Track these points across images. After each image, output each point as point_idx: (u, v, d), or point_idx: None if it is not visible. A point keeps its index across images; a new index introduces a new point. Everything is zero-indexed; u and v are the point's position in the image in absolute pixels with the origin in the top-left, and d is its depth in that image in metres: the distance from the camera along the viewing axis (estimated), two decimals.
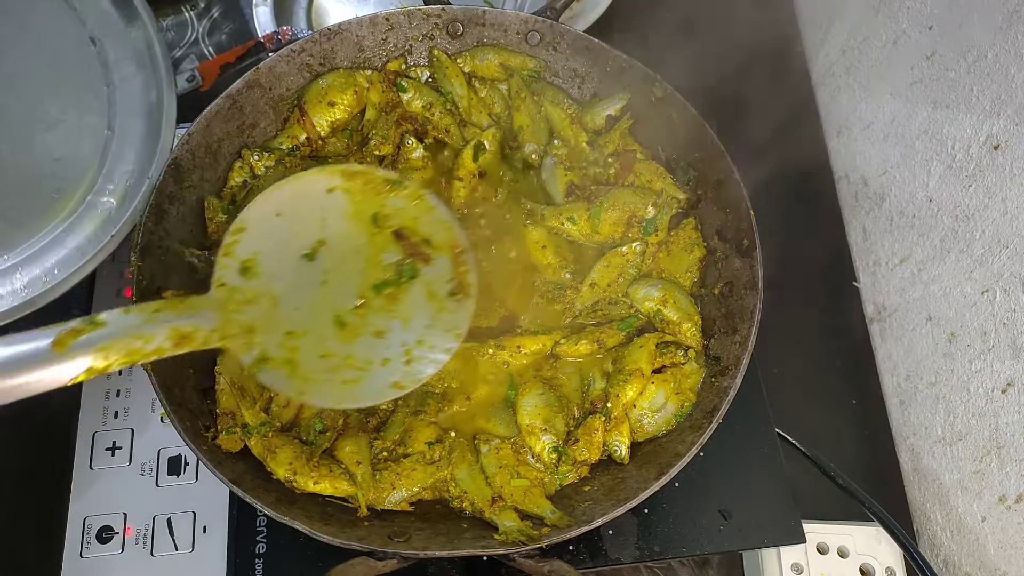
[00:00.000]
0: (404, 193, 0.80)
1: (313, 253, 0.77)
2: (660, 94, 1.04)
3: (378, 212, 0.79)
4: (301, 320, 0.75)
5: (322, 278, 0.77)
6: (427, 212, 0.80)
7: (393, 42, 1.10)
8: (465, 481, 0.89)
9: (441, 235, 0.80)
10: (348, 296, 0.77)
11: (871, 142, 1.23)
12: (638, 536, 0.98)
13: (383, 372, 0.76)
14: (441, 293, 0.78)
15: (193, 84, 1.20)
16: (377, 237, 0.79)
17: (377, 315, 0.77)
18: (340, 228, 0.78)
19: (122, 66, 0.92)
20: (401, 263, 0.79)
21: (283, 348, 0.74)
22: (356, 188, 0.79)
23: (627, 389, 0.92)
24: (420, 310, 0.78)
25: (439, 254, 0.79)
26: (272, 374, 0.73)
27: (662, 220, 1.03)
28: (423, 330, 0.77)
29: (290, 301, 0.75)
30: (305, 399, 0.75)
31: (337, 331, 0.76)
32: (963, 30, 1.01)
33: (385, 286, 0.78)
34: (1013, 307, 0.93)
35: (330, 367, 0.75)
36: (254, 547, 0.95)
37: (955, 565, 1.05)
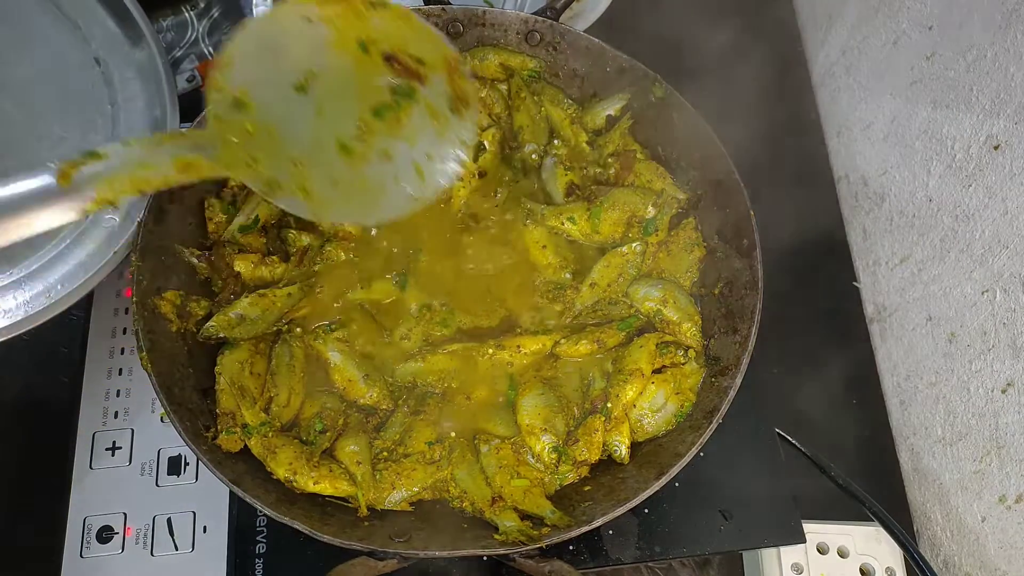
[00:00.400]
0: (387, 14, 0.77)
1: (304, 84, 0.75)
2: (660, 94, 1.04)
3: (364, 37, 0.76)
4: (304, 150, 0.74)
5: (317, 108, 0.75)
6: (415, 31, 0.78)
7: None
8: (465, 481, 0.89)
9: (433, 53, 0.77)
10: (348, 123, 0.75)
11: (871, 142, 1.23)
12: (638, 536, 0.98)
13: (397, 189, 0.76)
14: (442, 109, 0.77)
15: (193, 84, 1.20)
16: (367, 62, 0.76)
17: (382, 138, 0.76)
18: (327, 57, 0.76)
19: (127, 86, 0.93)
20: (396, 85, 0.77)
21: (292, 176, 0.73)
22: (336, 14, 0.76)
23: (627, 389, 0.92)
24: (424, 129, 0.77)
25: (433, 72, 0.77)
26: (287, 200, 0.72)
27: (662, 220, 1.03)
28: (430, 146, 0.76)
29: (289, 132, 0.74)
30: (328, 219, 0.75)
31: (343, 157, 0.74)
32: (963, 30, 1.01)
33: (384, 110, 0.76)
34: (1013, 307, 0.93)
35: (344, 192, 0.74)
36: (254, 547, 0.95)
37: (955, 565, 1.05)
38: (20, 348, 1.07)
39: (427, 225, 1.05)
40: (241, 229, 0.98)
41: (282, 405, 0.91)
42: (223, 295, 0.96)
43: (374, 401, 0.94)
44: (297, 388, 0.92)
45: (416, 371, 0.95)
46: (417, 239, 1.03)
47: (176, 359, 0.89)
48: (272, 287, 0.96)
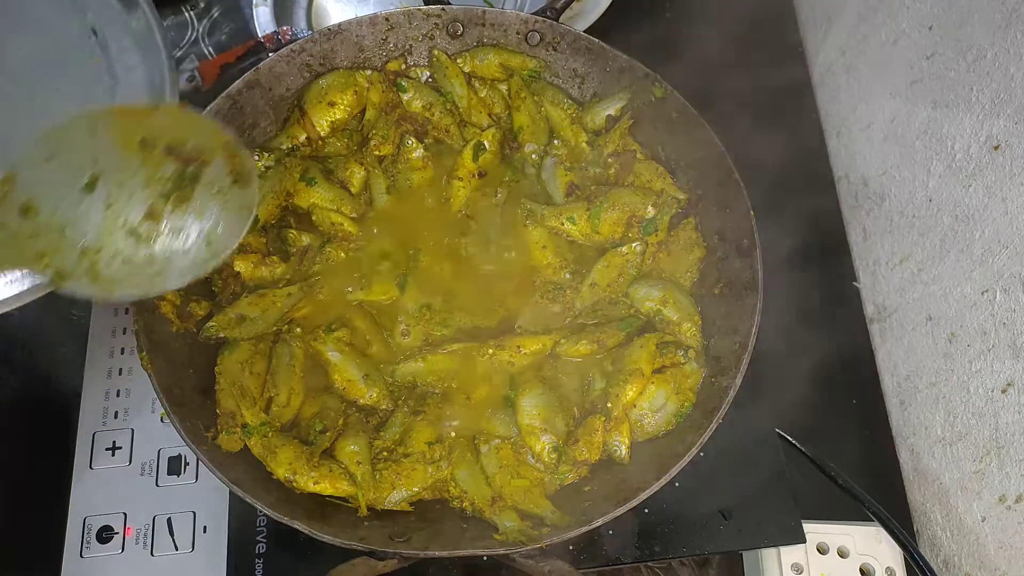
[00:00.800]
0: (165, 113, 0.84)
1: (92, 183, 0.80)
2: (660, 94, 1.04)
3: (144, 136, 0.82)
4: (94, 240, 0.78)
5: (107, 202, 0.80)
6: (192, 123, 0.83)
7: (393, 42, 1.10)
8: (465, 481, 0.89)
9: (210, 139, 0.83)
10: (136, 210, 0.80)
11: (871, 142, 1.23)
12: (638, 536, 0.98)
13: (187, 259, 0.80)
14: (225, 186, 0.82)
15: (193, 84, 1.20)
16: (151, 157, 0.82)
17: (170, 217, 0.80)
18: (112, 158, 0.81)
19: (124, 56, 0.93)
20: (181, 172, 0.82)
21: (81, 263, 0.77)
22: (116, 121, 0.82)
23: (627, 389, 0.92)
24: (211, 204, 0.81)
25: (213, 156, 0.82)
26: (73, 284, 0.76)
27: (662, 220, 1.02)
28: (217, 217, 0.81)
29: (78, 228, 0.78)
30: (115, 297, 0.78)
31: (133, 240, 0.79)
32: (963, 30, 1.01)
33: (170, 194, 0.81)
34: (1013, 307, 0.93)
35: (133, 269, 0.78)
36: (254, 547, 0.95)
37: (955, 565, 1.05)
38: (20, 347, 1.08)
39: (427, 225, 1.05)
40: None
41: (282, 405, 0.91)
42: (223, 295, 0.96)
43: (374, 401, 0.94)
44: (297, 388, 0.92)
45: (416, 371, 0.95)
46: (417, 239, 1.03)
47: (176, 359, 0.89)
48: (272, 287, 0.96)
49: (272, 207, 1.00)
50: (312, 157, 1.06)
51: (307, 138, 1.06)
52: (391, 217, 1.05)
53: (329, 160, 1.06)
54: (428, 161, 1.07)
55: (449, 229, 1.04)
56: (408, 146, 1.06)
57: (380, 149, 1.07)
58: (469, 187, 1.06)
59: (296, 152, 1.05)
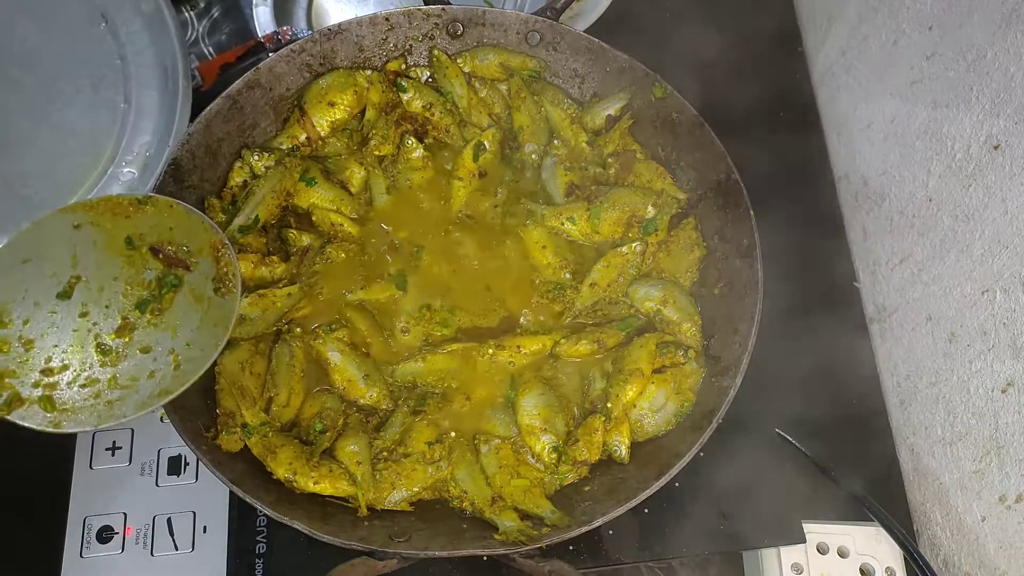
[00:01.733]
0: (155, 208, 0.81)
1: (68, 290, 0.78)
2: (660, 94, 1.04)
3: (131, 233, 0.80)
4: (59, 356, 0.76)
5: (81, 310, 0.78)
6: (182, 219, 0.81)
7: (393, 42, 1.10)
8: (465, 481, 0.89)
9: (199, 238, 0.80)
10: (111, 321, 0.78)
11: (871, 142, 1.23)
12: (638, 536, 0.98)
13: (150, 384, 0.77)
14: (207, 294, 0.80)
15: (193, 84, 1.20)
16: (135, 258, 0.80)
17: (143, 332, 0.78)
18: (94, 259, 0.79)
19: (134, 39, 0.93)
20: (162, 276, 0.80)
21: (39, 387, 0.75)
22: (103, 217, 0.79)
23: (627, 389, 0.92)
24: (188, 316, 0.79)
25: (200, 257, 0.80)
26: (24, 412, 0.73)
27: (662, 220, 1.03)
28: (191, 333, 0.79)
29: (47, 340, 0.76)
30: (61, 429, 0.74)
31: (100, 358, 0.77)
32: (963, 30, 1.01)
33: (148, 303, 0.79)
34: (1013, 307, 0.93)
35: (93, 393, 0.76)
36: (254, 547, 0.95)
37: (955, 565, 1.05)
38: None
39: (427, 225, 1.05)
40: (241, 229, 0.97)
41: (282, 405, 0.91)
42: None
43: (374, 401, 0.94)
44: (297, 388, 0.92)
45: (416, 371, 0.95)
46: (417, 239, 1.03)
47: None
48: (272, 287, 0.96)
49: (272, 207, 1.00)
50: (312, 157, 1.06)
51: (307, 138, 1.06)
52: (391, 217, 1.05)
53: (329, 160, 1.06)
54: (428, 161, 1.07)
55: (449, 229, 1.04)
56: (408, 146, 1.06)
57: (380, 149, 1.07)
58: (469, 187, 1.06)
59: (296, 152, 1.05)
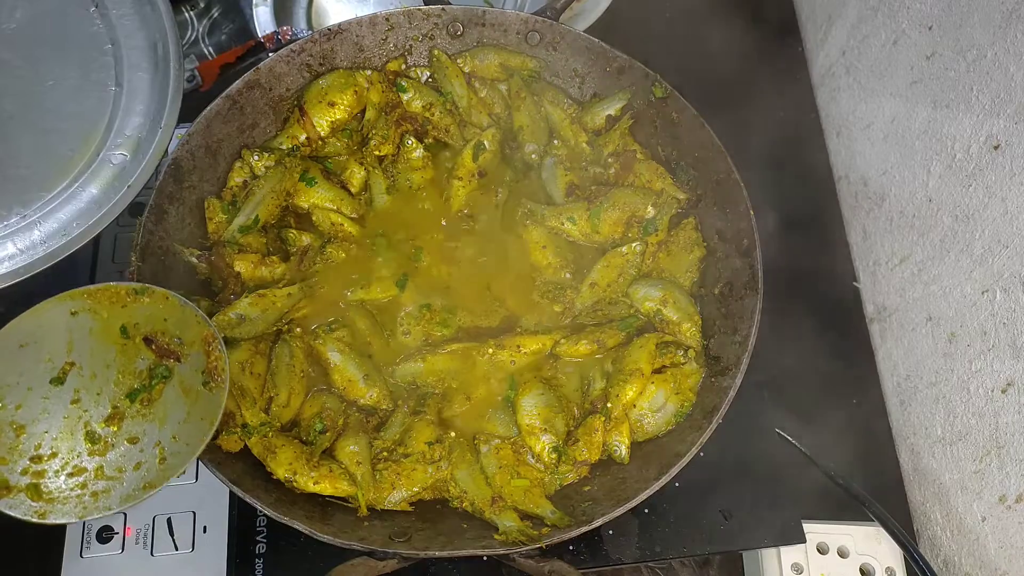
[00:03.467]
0: (150, 299, 0.82)
1: (62, 376, 0.79)
2: (660, 94, 1.04)
3: (126, 322, 0.81)
4: (49, 442, 0.77)
5: (73, 397, 0.79)
6: (175, 312, 0.82)
7: (393, 42, 1.10)
8: (465, 481, 0.89)
9: (192, 331, 0.82)
10: (101, 409, 0.79)
11: (871, 142, 1.23)
12: (638, 536, 0.98)
13: (135, 476, 0.78)
14: (196, 386, 0.81)
15: (193, 84, 1.20)
16: (128, 347, 0.81)
17: (132, 422, 0.80)
18: (89, 346, 0.80)
19: (124, 22, 0.93)
20: (153, 367, 0.81)
21: (27, 474, 0.75)
22: (101, 305, 0.81)
23: (627, 389, 0.92)
24: (176, 407, 0.80)
25: (191, 349, 0.82)
26: (11, 501, 0.73)
27: (662, 220, 1.03)
28: (178, 426, 0.80)
29: (38, 427, 0.77)
30: (46, 520, 0.74)
31: (89, 446, 0.78)
32: (963, 30, 1.01)
33: (139, 393, 0.80)
34: (1013, 307, 0.93)
35: (80, 483, 0.76)
36: (254, 547, 0.95)
37: (955, 565, 1.05)
38: None
39: (427, 225, 1.05)
40: (241, 229, 0.98)
41: (282, 405, 0.91)
42: (223, 295, 0.96)
43: (374, 401, 0.94)
44: (297, 388, 0.92)
45: (416, 371, 0.95)
46: (418, 239, 1.03)
47: None
48: (272, 287, 0.96)
49: (272, 207, 1.00)
50: (312, 157, 1.06)
51: (307, 138, 1.06)
52: (391, 217, 1.05)
53: (329, 160, 1.06)
54: (428, 161, 1.07)
55: (449, 229, 1.05)
56: (408, 146, 1.06)
57: (380, 149, 1.07)
58: (469, 187, 1.06)
59: (296, 152, 1.05)
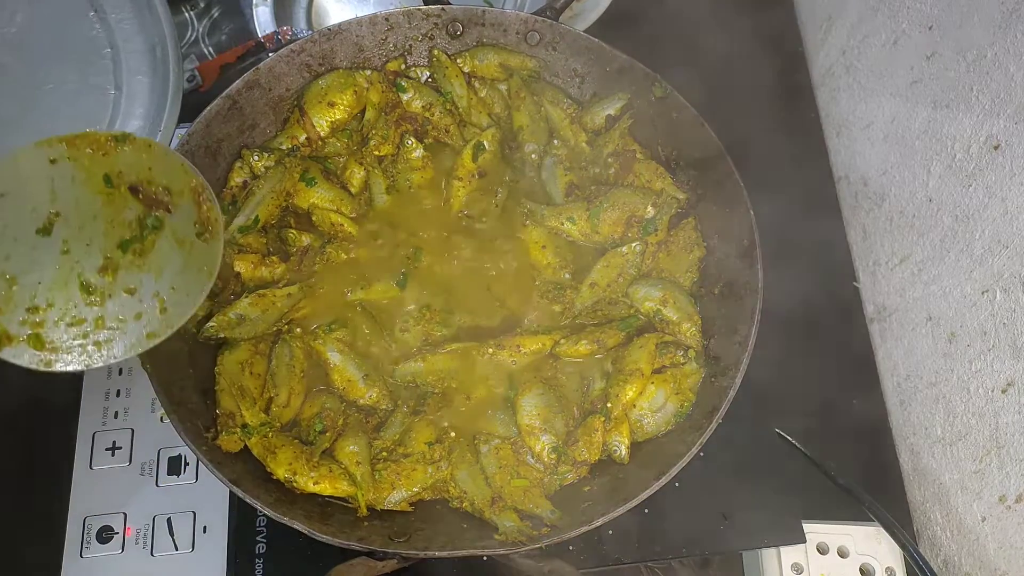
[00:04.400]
0: (133, 147, 0.79)
1: (48, 226, 0.77)
2: (660, 94, 1.04)
3: (109, 171, 0.78)
4: (44, 293, 0.76)
5: (62, 247, 0.77)
6: (161, 160, 0.79)
7: (393, 42, 1.10)
8: (465, 481, 0.89)
9: (179, 180, 0.79)
10: (93, 259, 0.77)
11: (871, 142, 1.23)
12: (638, 536, 0.98)
13: (137, 326, 0.77)
14: (189, 237, 0.79)
15: (193, 84, 1.20)
16: (114, 196, 0.79)
17: (127, 272, 0.78)
18: (72, 196, 0.77)
19: (123, 26, 0.93)
20: (143, 217, 0.79)
21: (26, 324, 0.74)
22: (81, 153, 0.78)
23: (627, 389, 0.92)
24: (171, 258, 0.79)
25: (181, 199, 0.79)
26: (14, 350, 0.73)
27: (662, 220, 1.03)
28: (175, 276, 0.78)
29: (29, 278, 0.75)
30: (52, 368, 0.74)
31: (85, 296, 0.77)
32: (963, 30, 1.01)
33: (130, 243, 0.78)
34: (1013, 307, 0.93)
35: (81, 332, 0.76)
36: (254, 547, 0.95)
37: (955, 565, 1.05)
38: None
39: (427, 225, 1.05)
40: (241, 229, 0.98)
41: (282, 405, 0.91)
42: (223, 295, 0.96)
43: (374, 401, 0.94)
44: (297, 388, 0.92)
45: (416, 371, 0.95)
46: (417, 239, 1.03)
47: (176, 359, 0.89)
48: (272, 287, 0.96)
49: (272, 207, 1.00)
50: (312, 157, 1.06)
51: (307, 138, 1.06)
52: (391, 217, 1.05)
53: (329, 160, 1.06)
54: (428, 161, 1.07)
55: (449, 229, 1.04)
56: (408, 146, 1.06)
57: (380, 149, 1.07)
58: (469, 187, 1.06)
59: (296, 152, 1.05)
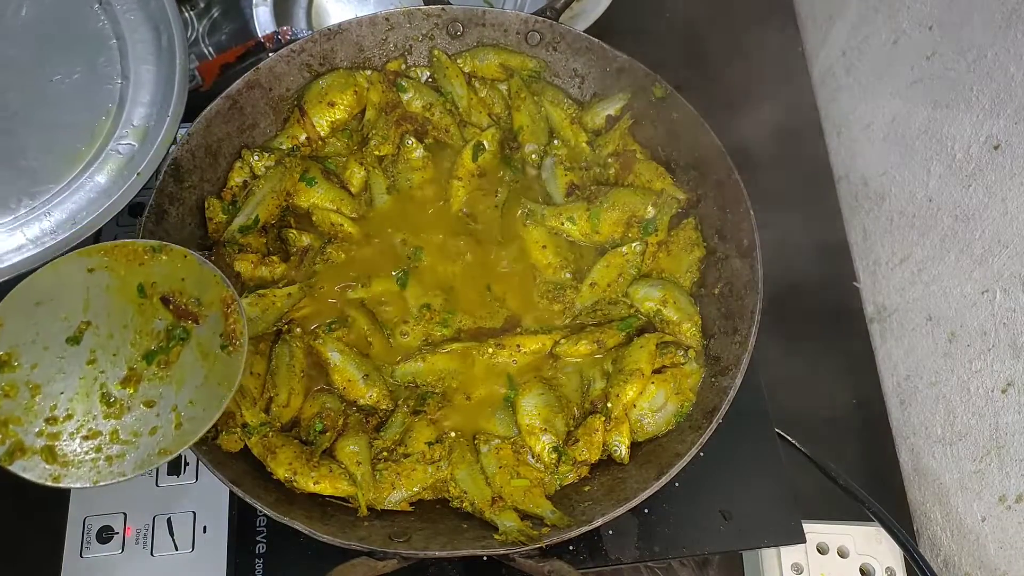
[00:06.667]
0: (168, 256, 0.81)
1: (78, 336, 0.78)
2: (660, 94, 1.04)
3: (144, 281, 0.80)
4: (64, 404, 0.76)
5: (89, 357, 0.78)
6: (194, 271, 0.80)
7: (393, 42, 1.10)
8: (465, 481, 0.89)
9: (211, 292, 0.80)
10: (117, 371, 0.78)
11: (871, 142, 1.23)
12: (638, 536, 0.98)
13: (150, 441, 0.76)
14: (213, 349, 0.79)
15: (193, 84, 1.20)
16: (146, 307, 0.80)
17: (149, 384, 0.78)
18: (105, 305, 0.79)
19: (129, 16, 0.94)
20: (171, 328, 0.80)
21: (42, 436, 0.74)
22: (118, 263, 0.80)
23: (627, 389, 0.92)
24: (194, 371, 0.79)
25: (210, 311, 0.80)
26: (26, 463, 0.73)
27: (662, 220, 1.03)
28: (195, 390, 0.78)
29: (53, 387, 0.76)
30: (60, 484, 0.73)
31: (104, 409, 0.76)
32: (963, 30, 1.01)
33: (156, 354, 0.79)
34: (1013, 307, 0.93)
35: (94, 447, 0.75)
36: (254, 547, 0.95)
37: (955, 565, 1.05)
38: None
39: (427, 225, 1.05)
40: (241, 229, 0.98)
41: (282, 405, 0.91)
42: None
43: (374, 401, 0.94)
44: (297, 388, 0.92)
45: (416, 371, 0.95)
46: (418, 239, 1.03)
47: None
48: (272, 287, 0.96)
49: (272, 207, 1.00)
50: (312, 157, 1.06)
51: (307, 138, 1.06)
52: (391, 217, 1.05)
53: (329, 160, 1.06)
54: (428, 161, 1.07)
55: (449, 229, 1.04)
56: (408, 146, 1.06)
57: (380, 149, 1.07)
58: (469, 187, 1.06)
59: (296, 152, 1.05)
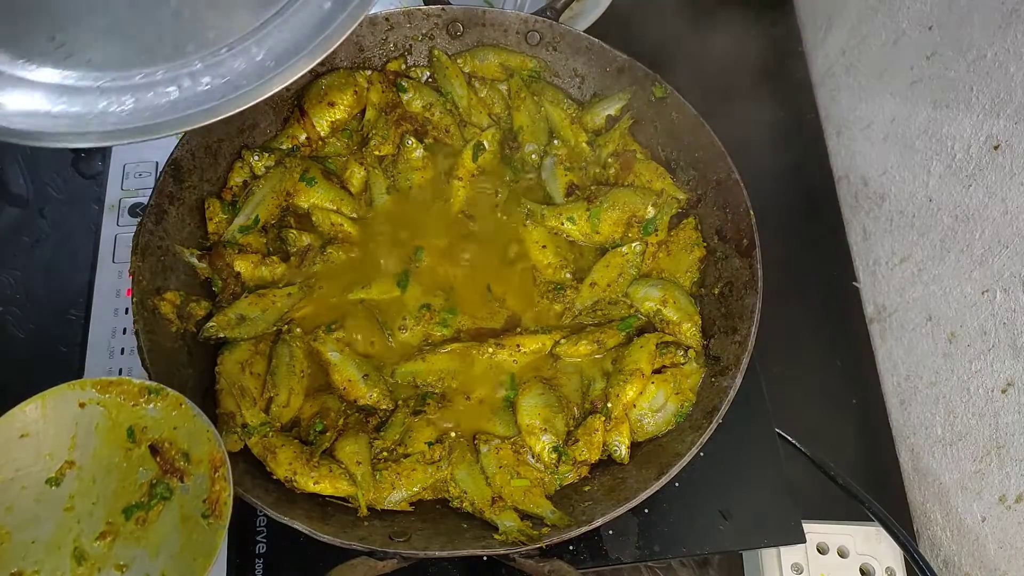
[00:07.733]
0: (164, 402, 0.77)
1: (59, 477, 0.74)
2: (660, 94, 1.04)
3: (135, 424, 0.76)
4: (34, 556, 0.71)
5: (67, 503, 0.74)
6: (187, 421, 0.76)
7: (393, 42, 1.10)
8: (465, 481, 0.89)
9: (201, 447, 0.76)
10: (94, 523, 0.73)
11: (871, 142, 1.23)
12: (638, 536, 0.98)
13: None
14: (194, 516, 0.75)
15: None
16: (133, 453, 0.76)
17: (123, 545, 0.73)
18: (92, 446, 0.75)
19: None
20: (155, 483, 0.75)
21: None
22: (112, 401, 0.76)
23: (627, 389, 0.92)
24: (171, 537, 0.74)
25: (197, 470, 0.75)
26: None
27: (662, 220, 1.03)
28: (169, 560, 0.73)
29: (25, 534, 0.71)
30: None
31: (74, 566, 0.72)
32: (963, 30, 1.01)
33: (136, 510, 0.74)
34: (1013, 307, 0.93)
35: None
36: (254, 547, 0.95)
37: (955, 565, 1.05)
38: (20, 347, 1.08)
39: (428, 225, 1.05)
40: (241, 229, 0.98)
41: (282, 405, 0.91)
42: (223, 295, 0.96)
43: (374, 401, 0.94)
44: (297, 388, 0.92)
45: (416, 371, 0.95)
46: (418, 239, 1.03)
47: (176, 359, 0.89)
48: (272, 287, 0.96)
49: (272, 207, 1.00)
50: (312, 157, 1.06)
51: (307, 138, 1.06)
52: (391, 217, 1.05)
53: (329, 160, 1.06)
54: (428, 161, 1.07)
55: (449, 229, 1.04)
56: (408, 146, 1.06)
57: (380, 149, 1.07)
58: (469, 187, 1.06)
59: (296, 152, 1.05)
